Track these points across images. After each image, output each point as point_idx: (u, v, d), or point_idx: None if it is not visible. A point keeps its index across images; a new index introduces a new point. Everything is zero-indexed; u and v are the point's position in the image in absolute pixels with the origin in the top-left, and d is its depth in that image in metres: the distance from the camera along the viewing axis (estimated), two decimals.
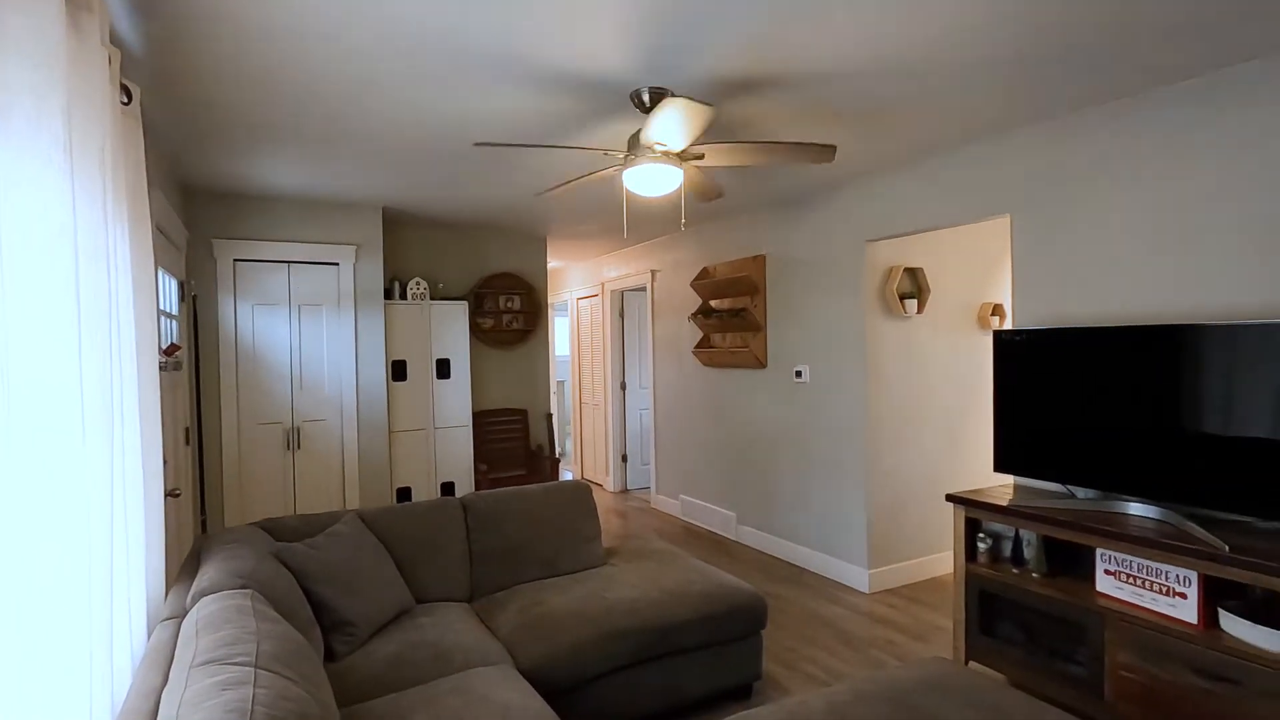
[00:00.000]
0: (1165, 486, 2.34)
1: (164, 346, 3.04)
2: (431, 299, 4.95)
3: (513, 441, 5.48)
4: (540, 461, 5.43)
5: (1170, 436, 2.33)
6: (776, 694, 2.78)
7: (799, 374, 4.35)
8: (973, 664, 2.90)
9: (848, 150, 3.33)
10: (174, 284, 3.53)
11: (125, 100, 1.88)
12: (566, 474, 7.69)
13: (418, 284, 4.84)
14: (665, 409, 5.91)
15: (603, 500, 6.45)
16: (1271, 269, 2.30)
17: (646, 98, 2.52)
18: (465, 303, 5.00)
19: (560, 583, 2.79)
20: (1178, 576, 2.17)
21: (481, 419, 5.33)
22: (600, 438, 7.01)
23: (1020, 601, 2.63)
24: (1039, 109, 2.81)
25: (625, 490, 6.80)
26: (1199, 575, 2.12)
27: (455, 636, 2.30)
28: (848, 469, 4.02)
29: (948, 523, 4.18)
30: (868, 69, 2.36)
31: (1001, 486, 3.04)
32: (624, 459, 6.78)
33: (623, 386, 6.74)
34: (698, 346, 5.25)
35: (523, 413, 5.56)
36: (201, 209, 4.00)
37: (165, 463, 2.28)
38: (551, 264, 7.46)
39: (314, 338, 4.30)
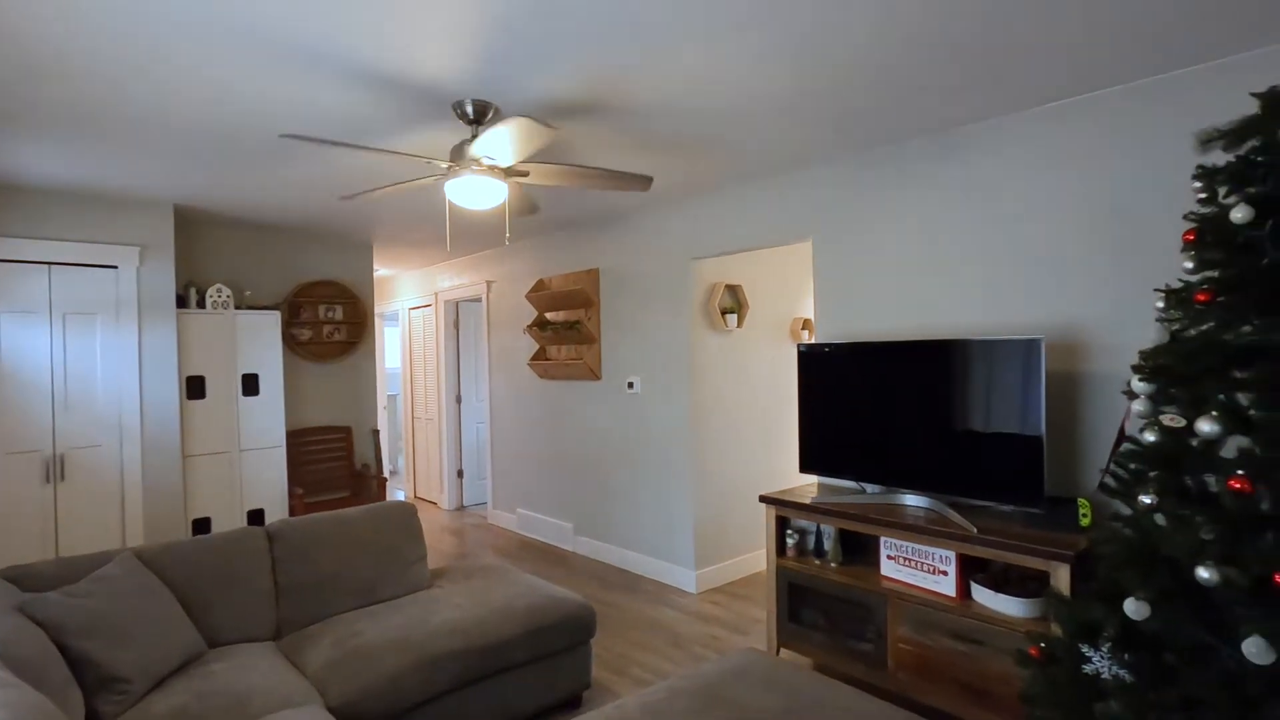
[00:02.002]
0: (932, 479, 2.72)
1: None
2: (237, 308, 4.49)
3: (334, 462, 5.11)
4: (366, 482, 5.11)
5: (935, 435, 2.71)
6: (605, 700, 2.84)
7: (631, 385, 4.49)
8: (784, 651, 3.15)
9: (671, 173, 3.51)
10: None
11: None
12: (398, 493, 7.29)
13: (219, 291, 4.37)
14: (502, 422, 5.82)
15: (436, 519, 6.20)
16: (1010, 292, 2.76)
17: (470, 109, 2.49)
18: (278, 312, 4.59)
19: (380, 610, 2.65)
20: (940, 557, 2.52)
21: (298, 438, 4.91)
22: (434, 453, 6.74)
23: (822, 590, 2.91)
24: (834, 146, 3.14)
25: (461, 507, 6.58)
26: (956, 555, 2.48)
27: (255, 680, 2.10)
28: (676, 475, 4.20)
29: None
30: (688, 104, 2.51)
31: (808, 486, 3.34)
32: (460, 475, 6.57)
33: (458, 400, 6.53)
34: (534, 359, 5.23)
35: (346, 430, 5.21)
36: None
37: None
38: (380, 272, 7.07)
39: (84, 351, 3.72)
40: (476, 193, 2.51)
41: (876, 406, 2.90)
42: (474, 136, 2.54)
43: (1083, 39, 2.08)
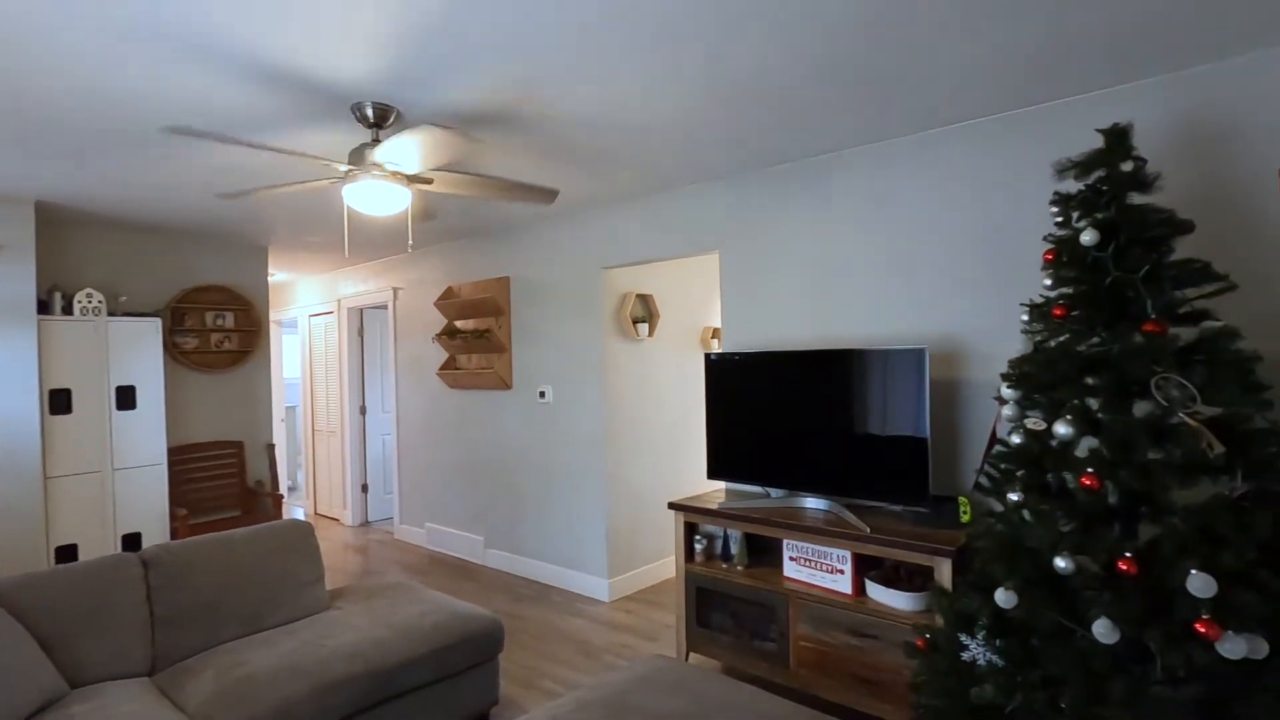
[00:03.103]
0: (830, 483, 2.84)
1: None
2: (110, 314, 4.14)
3: (224, 479, 4.78)
4: (260, 500, 4.81)
5: (832, 440, 2.84)
6: (514, 716, 2.79)
7: (543, 394, 4.45)
8: (694, 656, 3.20)
9: (583, 183, 3.52)
10: None
11: None
12: (296, 511, 6.90)
13: (89, 296, 4.01)
14: (410, 433, 5.63)
15: (339, 536, 5.91)
16: (901, 305, 2.94)
17: (370, 112, 2.41)
18: (159, 320, 4.26)
19: (271, 636, 2.50)
20: (837, 556, 2.64)
21: (182, 455, 4.56)
22: (337, 467, 6.43)
23: (729, 593, 2.97)
24: (737, 162, 3.25)
25: (366, 523, 6.30)
26: (852, 554, 2.60)
27: None
28: (589, 484, 4.20)
29: None
30: (600, 119, 2.53)
31: (715, 492, 3.42)
32: (364, 489, 6.29)
33: (363, 410, 6.27)
34: (443, 368, 5.10)
35: (238, 445, 4.88)
36: None
37: None
38: (277, 277, 6.69)
39: None
40: (377, 198, 2.43)
41: (779, 413, 3.01)
42: (375, 140, 2.47)
43: (959, 71, 2.25)
